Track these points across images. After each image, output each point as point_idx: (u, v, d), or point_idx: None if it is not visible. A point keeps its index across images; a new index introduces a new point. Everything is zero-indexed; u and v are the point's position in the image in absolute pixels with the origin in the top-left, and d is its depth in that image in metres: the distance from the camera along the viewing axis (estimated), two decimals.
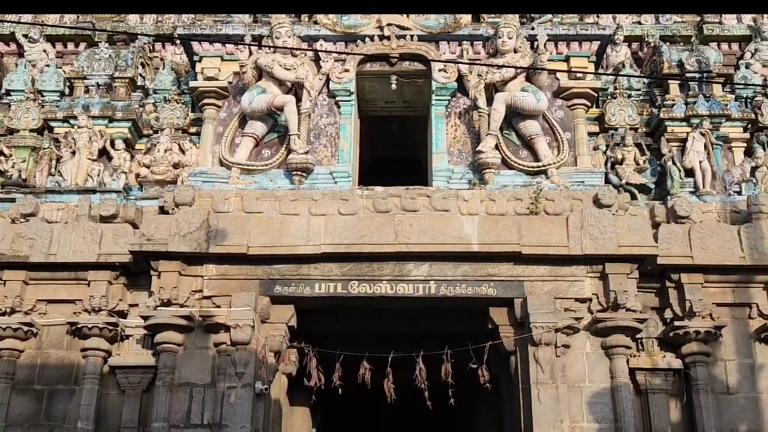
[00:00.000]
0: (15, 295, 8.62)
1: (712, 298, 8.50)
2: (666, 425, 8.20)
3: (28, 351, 8.66)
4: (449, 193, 8.74)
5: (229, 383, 8.19)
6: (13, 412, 8.44)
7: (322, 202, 8.65)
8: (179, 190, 8.74)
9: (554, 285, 8.36)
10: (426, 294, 8.45)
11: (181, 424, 8.14)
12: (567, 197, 8.64)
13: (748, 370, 8.42)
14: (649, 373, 8.38)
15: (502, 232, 8.35)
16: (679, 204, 8.71)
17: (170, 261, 8.41)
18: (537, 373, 8.07)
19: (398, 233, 8.39)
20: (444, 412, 9.81)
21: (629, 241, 8.26)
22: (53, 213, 9.12)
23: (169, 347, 8.33)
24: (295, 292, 8.50)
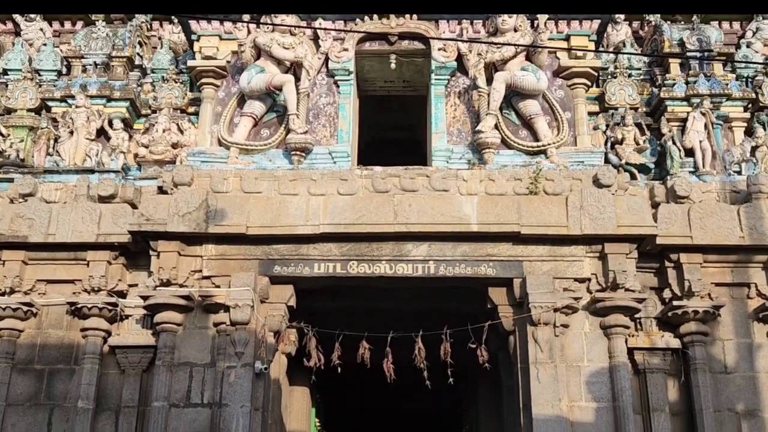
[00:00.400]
0: (14, 275, 8.63)
1: (710, 278, 8.52)
2: (664, 404, 8.24)
3: (28, 331, 8.68)
4: (448, 173, 8.72)
5: (228, 363, 8.21)
6: (13, 391, 8.48)
7: (321, 182, 8.63)
8: (178, 170, 8.72)
9: (553, 265, 8.37)
10: (425, 274, 8.46)
11: (181, 403, 8.18)
12: (566, 177, 8.62)
13: (746, 350, 8.45)
14: (648, 353, 8.41)
15: (501, 212, 8.34)
16: (679, 184, 8.70)
17: (169, 241, 8.40)
18: (536, 352, 8.09)
19: (397, 213, 8.38)
20: (443, 391, 9.88)
21: (628, 221, 8.25)
22: (52, 193, 9.12)
23: (168, 327, 8.35)
24: (294, 272, 8.51)
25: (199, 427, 8.07)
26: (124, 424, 8.35)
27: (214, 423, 8.04)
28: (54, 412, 8.46)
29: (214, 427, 8.03)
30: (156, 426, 8.02)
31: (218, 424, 8.01)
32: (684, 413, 8.33)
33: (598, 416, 7.97)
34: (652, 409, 8.22)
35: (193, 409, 8.16)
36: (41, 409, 8.47)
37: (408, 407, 14.44)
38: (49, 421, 8.43)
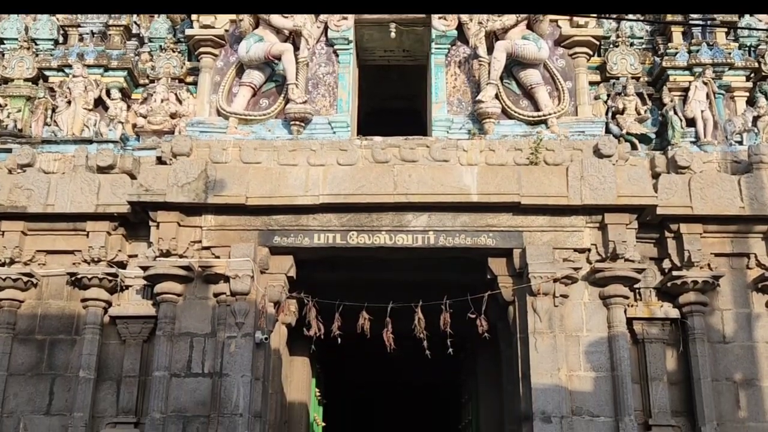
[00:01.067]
0: (14, 245, 8.63)
1: (710, 249, 8.52)
2: (662, 373, 8.29)
3: (28, 301, 8.70)
4: (448, 143, 8.68)
5: (229, 333, 8.24)
6: (15, 361, 8.52)
7: (321, 152, 8.60)
8: (177, 141, 8.68)
9: (553, 235, 8.37)
10: (425, 245, 8.46)
11: (181, 372, 8.22)
12: (567, 147, 8.59)
13: (744, 320, 8.48)
14: (647, 323, 8.44)
15: (501, 183, 8.32)
16: (680, 154, 8.67)
17: (169, 212, 8.39)
18: (535, 322, 8.12)
19: (397, 184, 8.35)
20: (442, 362, 9.92)
21: (629, 192, 8.23)
22: (50, 163, 9.09)
23: (168, 297, 8.36)
24: (294, 242, 8.51)
25: (200, 397, 8.12)
26: (126, 394, 8.40)
27: (215, 392, 8.09)
28: (56, 381, 8.51)
29: (215, 397, 8.08)
30: (157, 395, 8.07)
31: (219, 393, 8.06)
32: (682, 382, 8.38)
33: (596, 385, 8.02)
34: (650, 379, 8.27)
35: (194, 379, 8.20)
36: (43, 379, 8.52)
37: (407, 378, 14.53)
38: (51, 391, 8.48)
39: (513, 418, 8.84)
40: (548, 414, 7.83)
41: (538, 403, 7.87)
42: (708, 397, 8.11)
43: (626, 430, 7.80)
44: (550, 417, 7.82)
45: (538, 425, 7.81)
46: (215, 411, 8.02)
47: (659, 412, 8.15)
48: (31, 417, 8.38)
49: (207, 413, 8.05)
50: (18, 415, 8.37)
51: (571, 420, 7.86)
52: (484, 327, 8.10)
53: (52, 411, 8.41)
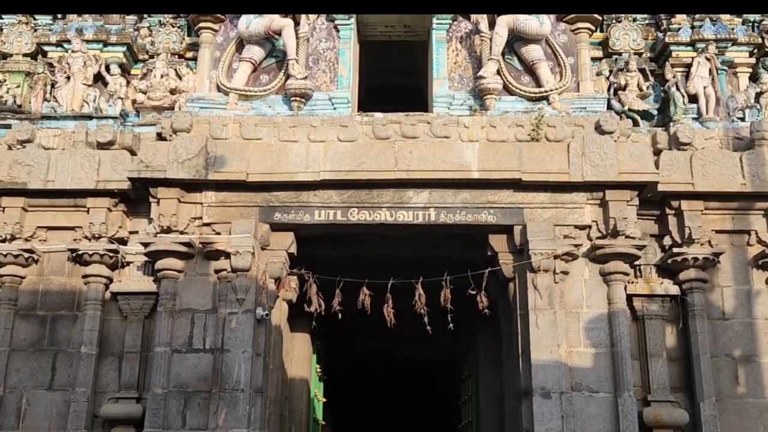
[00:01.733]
0: (14, 221, 8.62)
1: (711, 225, 8.52)
2: (661, 350, 8.32)
3: (29, 277, 8.71)
4: (450, 119, 8.64)
5: (230, 309, 8.26)
6: (17, 337, 8.55)
7: (322, 128, 8.56)
8: (177, 117, 8.65)
9: (554, 212, 8.35)
10: (425, 221, 8.46)
11: (183, 348, 8.25)
12: (568, 124, 8.55)
13: (744, 296, 8.49)
14: (647, 299, 8.45)
15: (502, 159, 8.30)
16: (682, 130, 8.64)
17: (169, 188, 8.38)
18: (535, 299, 8.14)
19: (398, 160, 8.33)
20: (442, 338, 9.97)
21: (630, 168, 8.21)
22: (50, 139, 9.05)
23: (169, 274, 8.37)
24: (294, 219, 8.50)
25: (202, 372, 8.15)
26: (127, 369, 8.44)
27: (216, 368, 8.12)
28: (58, 357, 8.54)
29: (216, 372, 8.11)
30: (159, 371, 8.11)
31: (220, 369, 8.09)
32: (681, 359, 8.42)
33: (596, 361, 8.05)
34: (649, 355, 8.30)
35: (195, 355, 8.24)
36: (45, 355, 8.55)
37: (407, 354, 14.60)
38: (53, 366, 8.51)
39: (513, 393, 8.90)
40: (548, 390, 7.87)
41: (537, 379, 7.91)
42: (707, 374, 8.14)
43: (625, 405, 7.85)
44: (550, 393, 7.86)
45: (538, 401, 7.85)
46: (216, 386, 8.06)
47: (658, 388, 8.19)
48: (34, 392, 8.42)
49: (208, 388, 8.09)
50: (20, 391, 8.41)
51: (570, 395, 7.91)
52: (484, 303, 8.12)
53: (54, 386, 8.45)
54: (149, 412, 8.01)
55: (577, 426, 7.84)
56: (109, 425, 8.33)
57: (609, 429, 7.86)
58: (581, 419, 7.88)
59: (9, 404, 8.36)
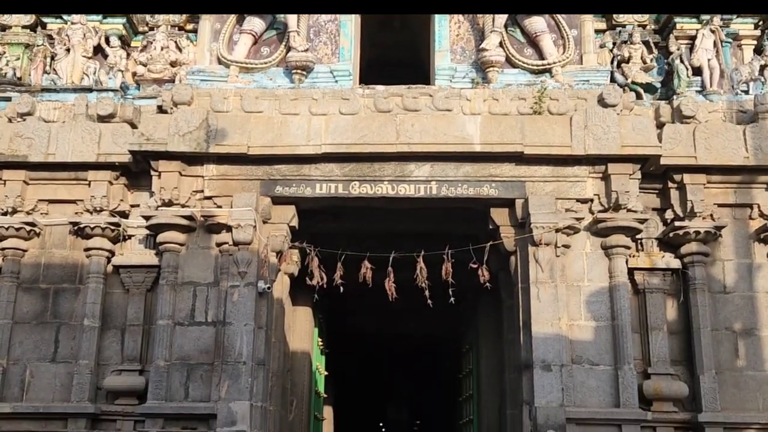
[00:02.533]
0: (16, 194, 8.63)
1: (713, 199, 8.50)
2: (662, 323, 8.35)
3: (31, 250, 8.72)
4: (452, 92, 8.60)
5: (231, 282, 8.28)
6: (20, 310, 8.59)
7: (323, 101, 8.52)
8: (177, 89, 8.61)
9: (556, 185, 8.34)
10: (427, 195, 8.45)
11: (185, 321, 8.29)
12: (571, 96, 8.51)
13: (745, 270, 8.50)
14: (648, 273, 8.46)
15: (504, 132, 8.26)
16: (685, 104, 8.59)
17: (170, 161, 8.37)
18: (536, 272, 8.15)
19: (399, 133, 8.30)
20: (443, 312, 10.00)
21: (633, 141, 8.18)
22: (50, 112, 9.02)
23: (171, 247, 8.39)
24: (296, 192, 8.50)
25: (204, 345, 8.20)
26: (130, 342, 8.49)
27: (219, 341, 8.17)
28: (60, 329, 8.58)
29: (218, 345, 8.17)
30: (161, 343, 8.15)
31: (222, 341, 8.14)
32: (682, 332, 8.44)
33: (596, 334, 8.09)
34: (650, 328, 8.33)
35: (198, 327, 8.28)
36: (48, 327, 8.59)
37: (409, 328, 14.63)
38: (56, 339, 8.56)
39: (513, 366, 8.94)
40: (548, 362, 7.91)
41: (538, 352, 7.95)
42: (707, 346, 8.18)
43: (625, 378, 7.90)
44: (550, 365, 7.90)
45: (538, 373, 7.90)
46: (219, 359, 8.12)
47: (658, 361, 8.23)
48: (37, 364, 8.47)
49: (211, 361, 8.15)
50: (24, 363, 8.46)
51: (571, 368, 7.95)
52: (485, 277, 8.13)
53: (57, 358, 8.50)
54: (152, 384, 8.08)
55: (577, 398, 7.90)
56: (112, 397, 8.40)
57: (609, 401, 7.91)
58: (581, 391, 7.94)
59: (13, 376, 8.42)
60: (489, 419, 10.41)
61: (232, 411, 7.87)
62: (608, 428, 7.85)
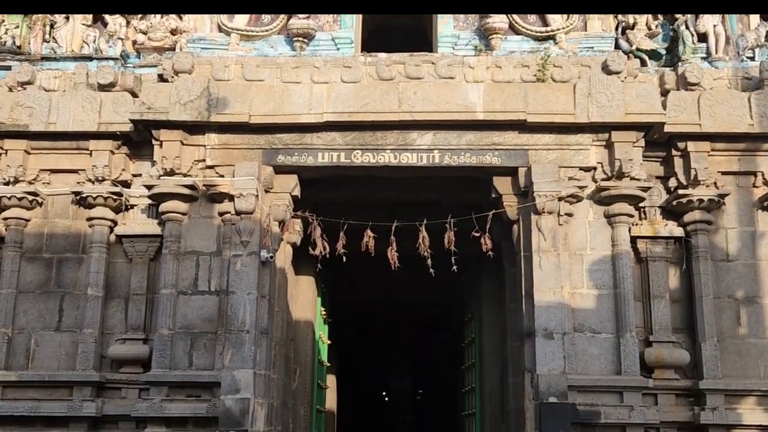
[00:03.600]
0: (17, 164, 8.61)
1: (717, 167, 8.46)
2: (664, 291, 8.35)
3: (34, 220, 8.73)
4: (454, 59, 8.53)
5: (234, 251, 8.29)
6: (24, 279, 8.62)
7: (324, 69, 8.46)
8: (178, 58, 8.55)
9: (559, 154, 8.30)
10: (430, 163, 8.42)
11: (188, 290, 8.32)
12: (575, 64, 8.44)
13: (748, 238, 8.48)
14: (651, 241, 8.45)
15: (507, 100, 8.21)
16: (690, 70, 8.52)
17: (171, 130, 8.34)
18: (539, 241, 8.14)
19: (402, 101, 8.25)
20: (446, 282, 10.00)
21: (637, 109, 8.13)
22: (50, 81, 8.97)
23: (173, 216, 8.39)
24: (298, 161, 8.47)
25: (207, 314, 8.25)
26: (134, 311, 8.52)
27: (222, 309, 8.21)
28: (65, 299, 8.62)
29: (221, 314, 8.21)
30: (165, 312, 8.19)
31: (226, 310, 8.17)
32: (684, 300, 8.45)
33: (599, 302, 8.11)
34: (652, 296, 8.34)
35: (201, 296, 8.31)
36: (52, 297, 8.62)
37: (411, 298, 14.67)
38: (60, 308, 8.60)
39: (515, 335, 8.96)
40: (550, 330, 7.94)
41: (540, 320, 7.98)
42: (709, 314, 8.19)
43: (627, 346, 7.93)
44: (552, 333, 7.93)
45: (540, 341, 7.93)
46: (222, 327, 8.16)
47: (660, 328, 8.25)
48: (42, 333, 8.52)
49: (214, 330, 8.20)
50: (29, 332, 8.52)
51: (573, 336, 7.98)
52: (488, 245, 8.12)
53: (62, 327, 8.55)
54: (156, 352, 8.13)
55: (579, 366, 7.94)
56: (117, 365, 8.46)
57: (611, 369, 7.95)
58: (583, 359, 7.98)
59: (18, 345, 8.47)
60: (491, 387, 10.46)
61: (235, 379, 7.92)
62: (610, 395, 7.89)
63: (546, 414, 7.70)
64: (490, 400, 10.47)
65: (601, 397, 7.89)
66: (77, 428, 8.16)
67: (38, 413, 8.18)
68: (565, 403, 7.74)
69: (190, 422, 8.01)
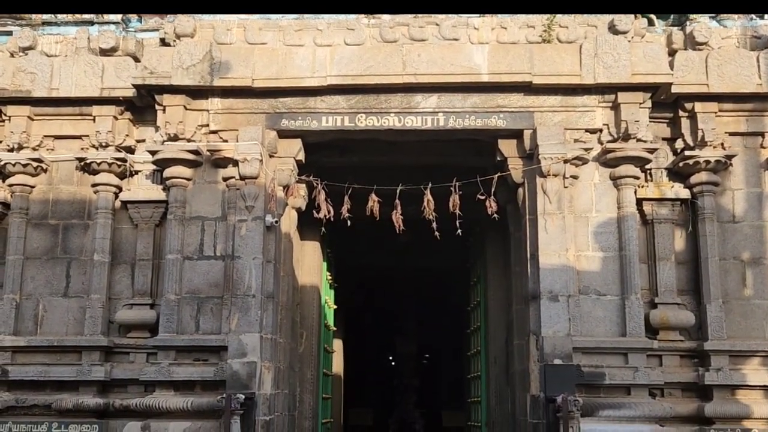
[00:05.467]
0: (21, 131, 8.59)
1: (725, 128, 8.38)
2: (670, 253, 8.34)
3: (39, 187, 8.73)
4: (459, 21, 8.41)
5: (239, 216, 8.29)
6: (30, 245, 8.65)
7: (328, 32, 8.37)
8: (180, 21, 8.45)
9: (565, 115, 8.24)
10: (434, 126, 8.37)
11: (194, 255, 8.35)
12: (581, 24, 8.32)
13: (755, 199, 8.43)
14: (656, 203, 8.41)
15: (512, 61, 8.13)
16: (698, 30, 8.40)
17: (174, 95, 8.29)
18: (544, 203, 8.12)
19: (406, 64, 8.18)
20: (451, 245, 10.02)
21: (644, 69, 8.04)
22: (52, 46, 8.89)
23: (178, 182, 8.38)
24: (302, 125, 8.43)
25: (213, 279, 8.28)
26: (140, 276, 8.56)
27: (228, 274, 8.24)
28: (71, 264, 8.65)
29: (227, 279, 8.24)
30: (171, 277, 8.23)
31: (231, 275, 8.20)
32: (689, 262, 8.44)
33: (604, 265, 8.11)
34: (658, 258, 8.33)
35: (206, 261, 8.34)
36: (59, 263, 8.66)
37: (416, 262, 14.73)
38: (68, 274, 8.64)
39: (520, 298, 8.98)
40: (555, 293, 7.95)
41: (545, 283, 7.98)
42: (714, 276, 8.18)
43: (632, 307, 7.94)
44: (558, 296, 7.94)
45: (545, 304, 7.94)
46: (228, 292, 8.20)
47: (666, 290, 8.26)
48: (50, 299, 8.58)
49: (220, 294, 8.24)
50: (36, 297, 8.57)
51: (578, 298, 8.00)
52: (493, 208, 8.08)
53: (69, 293, 8.60)
54: (163, 317, 8.18)
55: (584, 328, 7.96)
56: (124, 330, 8.52)
57: (616, 331, 7.98)
58: (588, 321, 8.00)
59: (26, 311, 8.54)
60: (496, 350, 10.54)
61: (242, 343, 7.98)
62: (615, 357, 7.92)
63: (551, 375, 7.75)
64: (495, 362, 10.55)
65: (605, 358, 7.92)
66: (87, 392, 8.25)
67: (48, 377, 8.28)
68: (569, 364, 7.78)
69: (197, 386, 8.09)
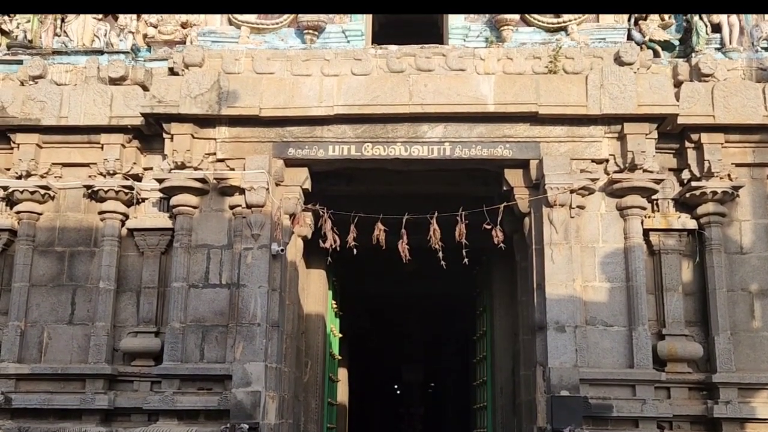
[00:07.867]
0: (29, 158, 8.65)
1: (731, 159, 8.38)
2: (677, 284, 8.29)
3: (46, 214, 8.77)
4: (465, 51, 8.48)
5: (245, 245, 8.30)
6: (36, 273, 8.66)
7: (335, 62, 8.44)
8: (188, 51, 8.56)
9: (571, 146, 8.25)
10: (440, 156, 8.39)
11: (199, 283, 8.34)
12: (587, 55, 8.38)
13: (762, 231, 8.40)
14: (663, 234, 8.39)
15: (519, 92, 8.16)
16: (704, 61, 8.44)
17: (182, 123, 8.35)
18: (551, 233, 8.10)
19: (413, 94, 8.22)
20: (457, 274, 9.97)
21: (650, 100, 8.06)
22: (62, 75, 8.99)
23: (185, 210, 8.41)
24: (308, 154, 8.46)
25: (218, 307, 8.26)
26: (145, 304, 8.55)
27: (233, 303, 8.23)
28: (77, 292, 8.66)
29: (233, 307, 8.22)
30: (176, 305, 8.22)
31: (237, 303, 8.18)
32: (697, 293, 8.39)
33: (611, 296, 8.06)
34: (665, 289, 8.28)
35: (212, 290, 8.33)
36: (64, 290, 8.67)
37: (422, 291, 14.67)
38: (73, 301, 8.64)
39: (527, 328, 8.93)
40: (562, 323, 7.90)
41: (552, 313, 7.94)
42: (722, 307, 8.13)
43: (639, 339, 7.88)
44: (564, 326, 7.89)
45: (552, 334, 7.89)
46: (233, 320, 8.18)
47: (673, 322, 8.20)
48: (55, 326, 8.57)
49: (225, 323, 8.22)
50: (41, 325, 8.56)
51: (584, 329, 7.94)
52: (499, 238, 8.08)
53: (74, 321, 8.59)
54: (168, 345, 8.15)
55: (591, 359, 7.90)
56: (129, 358, 8.49)
57: (623, 362, 7.91)
58: (595, 352, 7.94)
59: (31, 338, 8.52)
60: (503, 380, 10.45)
61: (247, 372, 7.93)
62: (622, 389, 7.85)
63: (558, 407, 7.67)
64: (501, 393, 10.46)
65: (613, 390, 7.85)
66: (90, 421, 8.20)
67: (51, 406, 8.25)
68: (577, 396, 7.70)
69: (201, 415, 8.03)
